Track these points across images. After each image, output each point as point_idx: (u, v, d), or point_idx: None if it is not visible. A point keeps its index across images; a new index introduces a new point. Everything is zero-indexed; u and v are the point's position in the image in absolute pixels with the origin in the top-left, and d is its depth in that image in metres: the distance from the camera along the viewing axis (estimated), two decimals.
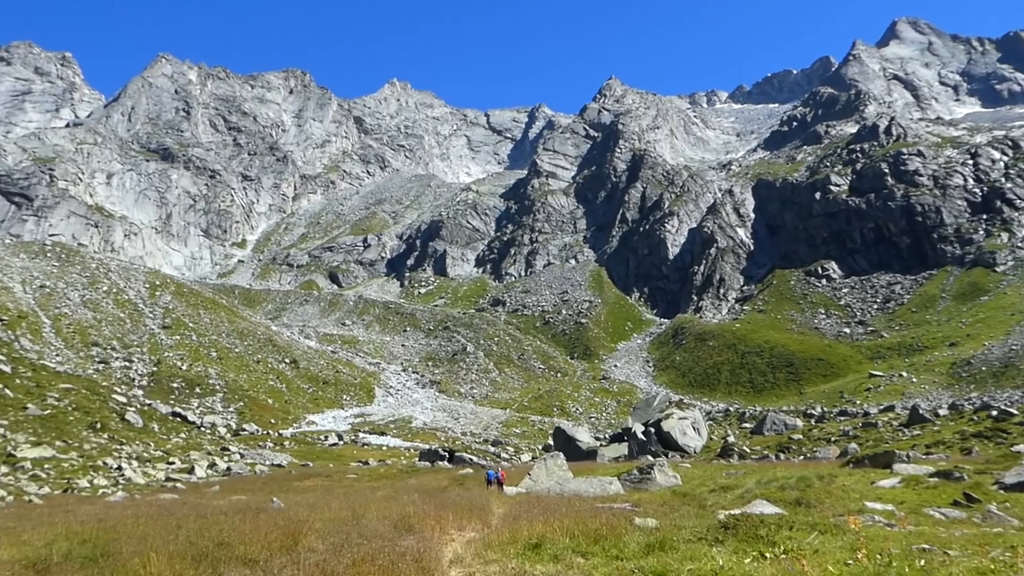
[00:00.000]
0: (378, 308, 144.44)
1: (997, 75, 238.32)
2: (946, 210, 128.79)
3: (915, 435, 54.98)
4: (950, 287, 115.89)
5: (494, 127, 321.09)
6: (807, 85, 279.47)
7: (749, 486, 26.42)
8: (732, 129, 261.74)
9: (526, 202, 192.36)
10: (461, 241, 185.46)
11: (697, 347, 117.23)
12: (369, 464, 55.14)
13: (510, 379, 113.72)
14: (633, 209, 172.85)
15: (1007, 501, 20.72)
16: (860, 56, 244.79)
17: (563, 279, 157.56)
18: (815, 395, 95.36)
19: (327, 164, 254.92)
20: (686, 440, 61.74)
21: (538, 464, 34.20)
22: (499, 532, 15.62)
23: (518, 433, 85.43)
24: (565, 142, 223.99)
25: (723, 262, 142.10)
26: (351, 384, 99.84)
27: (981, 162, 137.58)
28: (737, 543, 12.90)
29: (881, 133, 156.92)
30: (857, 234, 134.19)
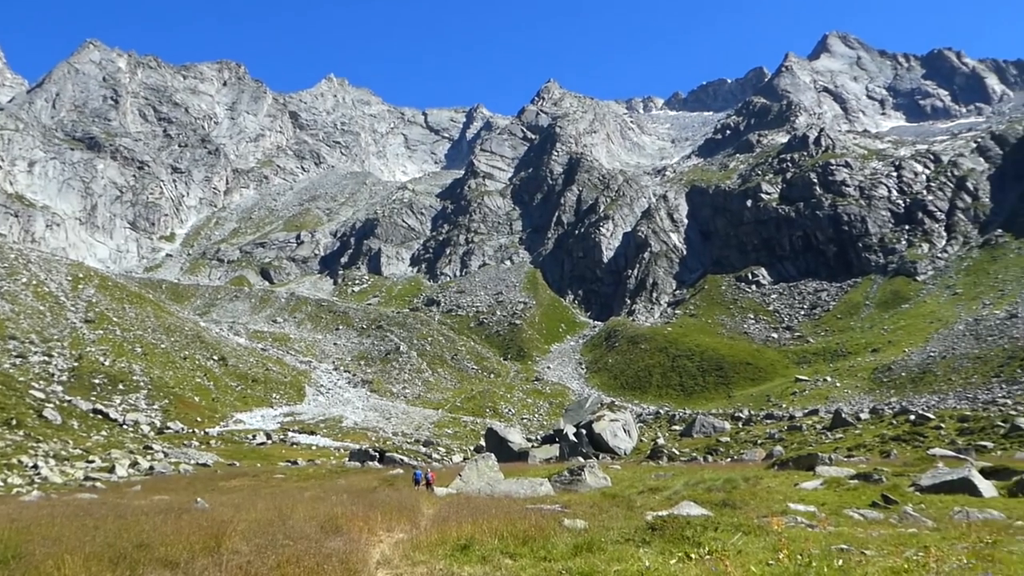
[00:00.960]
0: (310, 306, 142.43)
1: (921, 91, 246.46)
2: (871, 220, 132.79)
3: (838, 438, 56.38)
4: (873, 295, 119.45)
5: (432, 126, 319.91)
6: (741, 94, 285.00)
7: (677, 488, 26.70)
8: (667, 135, 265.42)
9: (462, 202, 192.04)
10: (396, 240, 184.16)
11: (629, 350, 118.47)
12: (298, 464, 54.27)
13: (443, 379, 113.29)
14: (569, 212, 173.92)
15: (922, 502, 21.31)
16: (792, 68, 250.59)
17: (498, 280, 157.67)
18: (743, 398, 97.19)
19: (261, 159, 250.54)
20: (617, 442, 62.22)
21: (469, 465, 34.04)
22: (428, 533, 15.44)
23: (450, 434, 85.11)
24: (502, 143, 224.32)
25: (656, 266, 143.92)
26: (281, 382, 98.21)
27: (905, 174, 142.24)
28: (664, 544, 12.98)
29: (811, 144, 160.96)
30: (786, 241, 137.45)
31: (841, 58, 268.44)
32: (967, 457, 34.74)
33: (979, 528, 14.85)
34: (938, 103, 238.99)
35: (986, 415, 56.88)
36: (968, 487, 23.03)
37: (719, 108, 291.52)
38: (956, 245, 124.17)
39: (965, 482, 23.33)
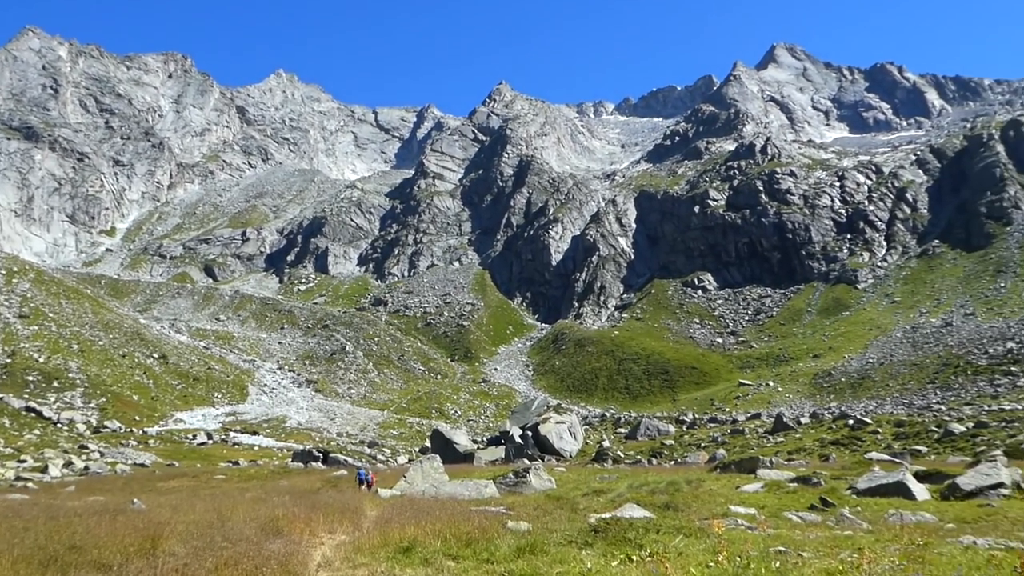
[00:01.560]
0: (255, 304, 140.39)
1: (864, 103, 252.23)
2: (814, 228, 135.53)
3: (779, 442, 57.33)
4: (815, 302, 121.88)
5: (382, 125, 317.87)
6: (690, 102, 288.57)
7: (621, 490, 26.87)
8: (617, 140, 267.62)
9: (412, 202, 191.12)
10: (344, 239, 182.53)
11: (576, 353, 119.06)
12: (239, 464, 53.41)
13: (389, 380, 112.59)
14: (518, 214, 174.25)
15: (859, 505, 21.77)
16: (740, 77, 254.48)
17: (446, 281, 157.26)
18: (688, 402, 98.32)
19: (206, 153, 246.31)
20: (562, 444, 62.45)
21: (414, 466, 33.85)
22: (370, 535, 15.30)
23: (395, 435, 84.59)
24: (453, 144, 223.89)
25: (604, 270, 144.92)
26: (223, 381, 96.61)
27: (847, 184, 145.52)
28: (606, 546, 13.06)
29: (757, 152, 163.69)
30: (732, 248, 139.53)
31: (788, 69, 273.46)
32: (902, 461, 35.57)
33: (911, 530, 15.20)
34: (880, 116, 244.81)
35: (921, 420, 58.36)
36: (902, 490, 23.57)
37: (669, 114, 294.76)
38: (895, 255, 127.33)
39: (900, 486, 23.87)
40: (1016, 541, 14.79)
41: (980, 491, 23.27)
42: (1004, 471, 24.68)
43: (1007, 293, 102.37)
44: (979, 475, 24.43)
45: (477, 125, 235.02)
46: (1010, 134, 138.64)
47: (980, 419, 54.26)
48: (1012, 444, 36.53)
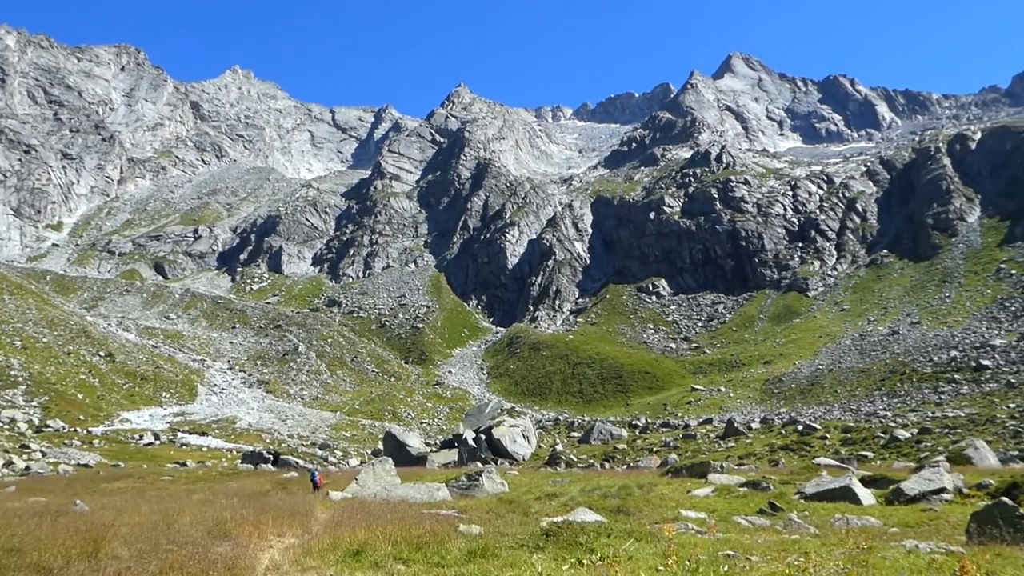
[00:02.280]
0: (206, 303, 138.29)
1: (817, 114, 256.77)
2: (767, 237, 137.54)
3: (730, 447, 57.99)
4: (767, 309, 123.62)
5: (339, 125, 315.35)
6: (647, 108, 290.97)
7: (573, 494, 26.94)
8: (575, 145, 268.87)
9: (368, 203, 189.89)
10: (298, 238, 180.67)
11: (531, 356, 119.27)
12: (187, 465, 52.53)
13: (342, 381, 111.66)
14: (475, 217, 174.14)
15: (807, 510, 22.10)
16: (697, 86, 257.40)
17: (402, 283, 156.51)
18: (640, 407, 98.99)
19: (159, 148, 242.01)
20: (516, 448, 62.47)
21: (366, 469, 33.58)
22: (320, 538, 15.11)
23: (347, 437, 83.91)
24: (411, 145, 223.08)
25: (560, 274, 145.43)
26: (172, 381, 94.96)
27: (800, 194, 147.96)
28: (557, 550, 13.07)
29: (713, 160, 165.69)
30: (687, 254, 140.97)
31: (744, 79, 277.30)
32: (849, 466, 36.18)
33: (856, 534, 15.46)
34: (832, 127, 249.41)
35: (868, 426, 59.47)
36: (849, 495, 23.97)
37: (626, 121, 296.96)
38: (845, 263, 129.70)
39: (846, 490, 24.27)
40: (957, 545, 15.12)
41: (923, 496, 23.75)
42: (946, 476, 25.23)
43: (952, 303, 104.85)
44: (922, 480, 24.94)
45: (435, 127, 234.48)
46: (956, 148, 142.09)
47: (924, 425, 55.47)
48: (954, 450, 37.34)
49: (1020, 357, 78.14)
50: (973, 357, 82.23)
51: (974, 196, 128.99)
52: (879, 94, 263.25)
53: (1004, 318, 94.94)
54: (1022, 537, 14.97)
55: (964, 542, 15.65)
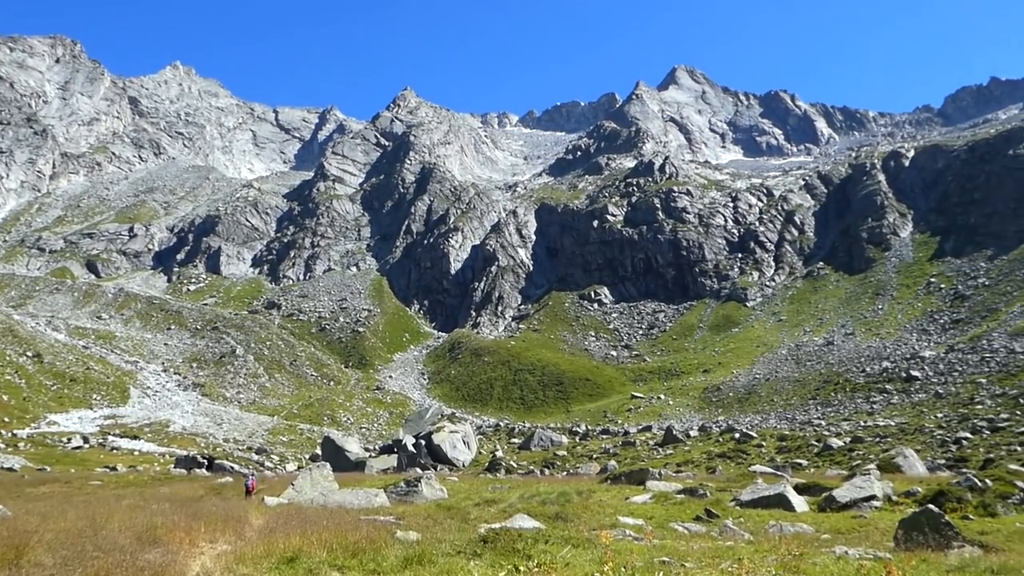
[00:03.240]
0: (140, 303, 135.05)
1: (758, 128, 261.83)
2: (708, 247, 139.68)
3: (668, 454, 58.62)
4: (707, 318, 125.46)
5: (282, 125, 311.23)
6: (593, 117, 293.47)
7: (512, 500, 26.91)
8: (520, 152, 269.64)
9: (310, 205, 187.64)
10: (238, 239, 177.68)
11: (472, 362, 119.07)
12: (117, 470, 51.19)
13: (280, 385, 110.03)
14: (419, 221, 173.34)
15: (742, 516, 22.39)
16: (642, 96, 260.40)
17: (343, 286, 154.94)
18: (581, 413, 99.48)
19: (94, 144, 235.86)
20: (456, 454, 62.32)
21: (303, 474, 33.15)
22: (254, 545, 14.82)
23: (285, 441, 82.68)
24: (355, 148, 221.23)
25: (503, 280, 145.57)
26: (103, 383, 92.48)
27: (740, 205, 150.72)
28: (495, 557, 13.02)
29: (656, 170, 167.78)
30: (629, 263, 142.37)
31: (688, 91, 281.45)
32: (784, 474, 36.83)
33: (789, 541, 15.71)
34: (773, 141, 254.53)
35: (802, 435, 60.66)
36: (783, 502, 24.38)
37: (571, 129, 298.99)
38: (783, 275, 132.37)
39: (781, 498, 24.68)
40: (885, 551, 15.46)
41: (854, 503, 24.28)
42: (877, 484, 25.83)
43: (884, 315, 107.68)
44: (854, 488, 25.50)
45: (380, 130, 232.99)
46: (891, 164, 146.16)
47: (856, 434, 56.79)
48: (885, 459, 38.28)
49: (948, 369, 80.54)
50: (904, 368, 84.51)
51: (907, 212, 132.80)
52: (818, 110, 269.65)
53: (933, 331, 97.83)
54: (947, 543, 15.39)
55: (892, 548, 16.03)
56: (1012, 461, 38.02)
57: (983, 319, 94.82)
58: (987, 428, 51.59)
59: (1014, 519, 20.71)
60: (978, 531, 18.24)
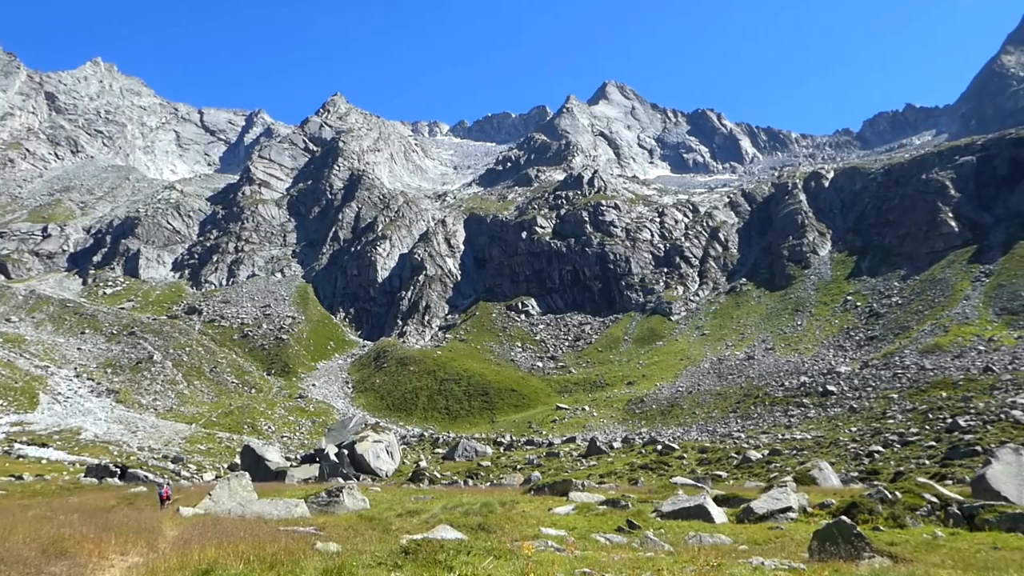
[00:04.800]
0: (53, 306, 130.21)
1: (685, 145, 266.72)
2: (634, 261, 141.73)
3: (592, 465, 59.04)
4: (632, 331, 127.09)
5: (207, 126, 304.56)
6: (523, 129, 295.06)
7: (435, 511, 26.75)
8: (450, 161, 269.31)
9: (235, 209, 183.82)
10: (159, 242, 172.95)
11: (398, 371, 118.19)
12: (24, 479, 49.16)
13: (199, 392, 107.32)
14: (346, 228, 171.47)
15: (663, 528, 22.65)
16: (573, 110, 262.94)
17: (267, 292, 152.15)
18: (506, 424, 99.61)
19: (7, 140, 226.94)
20: (379, 463, 61.75)
21: (220, 484, 32.36)
22: (167, 557, 14.36)
23: (203, 450, 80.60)
24: (283, 152, 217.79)
25: (430, 290, 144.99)
26: (10, 388, 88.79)
27: (666, 221, 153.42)
28: (416, 568, 12.88)
29: (585, 184, 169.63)
30: (556, 275, 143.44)
31: (618, 106, 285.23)
32: (704, 486, 37.44)
33: (708, 552, 15.94)
34: (699, 158, 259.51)
35: (723, 447, 61.81)
36: (703, 514, 24.76)
37: (502, 140, 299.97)
38: (707, 290, 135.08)
39: (700, 509, 25.06)
40: (799, 562, 15.80)
41: (771, 515, 24.79)
42: (793, 496, 26.45)
43: (803, 331, 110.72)
44: (771, 500, 26.05)
45: (309, 135, 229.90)
46: (811, 184, 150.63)
47: (775, 447, 58.13)
48: (801, 471, 39.24)
49: (862, 384, 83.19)
50: (820, 383, 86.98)
51: (826, 231, 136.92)
52: (743, 129, 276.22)
53: (849, 347, 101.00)
54: (858, 554, 15.81)
55: (806, 559, 16.39)
56: (921, 474, 39.38)
57: (896, 336, 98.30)
58: (898, 442, 53.36)
59: (922, 530, 21.40)
60: (888, 542, 18.78)
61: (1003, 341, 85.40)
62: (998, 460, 26.66)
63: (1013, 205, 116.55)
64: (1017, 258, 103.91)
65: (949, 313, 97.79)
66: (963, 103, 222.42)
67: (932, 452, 48.06)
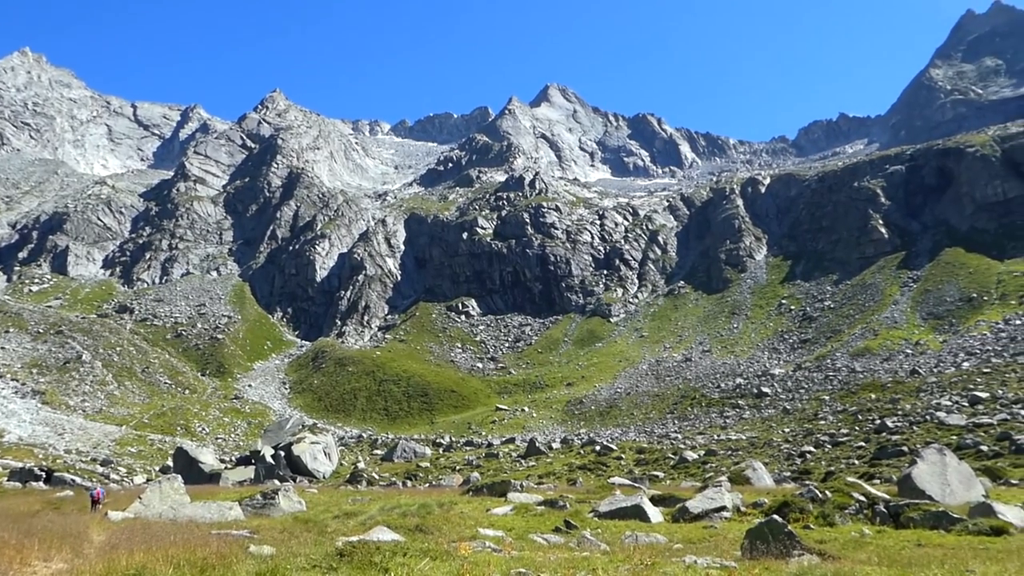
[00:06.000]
0: None
1: (626, 149, 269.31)
2: (575, 263, 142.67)
3: (531, 466, 59.25)
4: (572, 332, 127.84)
5: (141, 120, 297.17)
6: (465, 130, 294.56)
7: (372, 513, 26.54)
8: (391, 161, 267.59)
9: (169, 205, 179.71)
10: (88, 239, 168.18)
11: (336, 372, 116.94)
12: None
13: (130, 393, 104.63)
14: (284, 227, 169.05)
15: (600, 527, 22.81)
16: (515, 112, 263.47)
17: (202, 291, 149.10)
18: (445, 425, 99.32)
19: None
20: (316, 465, 61.05)
21: (151, 487, 31.63)
22: (92, 563, 13.92)
23: (134, 452, 78.62)
24: (219, 148, 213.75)
25: (370, 290, 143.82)
26: None
27: (607, 223, 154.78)
28: (351, 570, 12.74)
29: (526, 185, 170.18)
30: (497, 276, 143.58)
31: (559, 109, 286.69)
32: (641, 486, 37.82)
33: (643, 551, 16.08)
34: (639, 162, 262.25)
35: (660, 448, 62.58)
36: (640, 513, 24.99)
37: (444, 140, 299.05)
38: (645, 292, 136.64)
39: (637, 509, 25.30)
40: (731, 560, 16.04)
41: (706, 514, 25.15)
42: (727, 496, 26.88)
43: (739, 333, 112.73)
44: (706, 499, 26.44)
45: (246, 131, 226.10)
46: (748, 190, 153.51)
47: (711, 447, 59.04)
48: (735, 471, 39.90)
49: (795, 386, 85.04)
50: (755, 385, 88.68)
51: (762, 236, 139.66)
52: (683, 135, 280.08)
53: (783, 349, 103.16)
54: (788, 552, 16.12)
55: (739, 557, 16.65)
56: (850, 474, 40.38)
57: (828, 340, 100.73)
58: (829, 442, 54.67)
59: (850, 528, 21.93)
60: (817, 540, 19.19)
61: (929, 345, 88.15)
62: (923, 460, 27.46)
63: (939, 213, 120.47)
64: (943, 265, 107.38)
65: (879, 317, 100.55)
66: (894, 114, 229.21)
67: (861, 452, 49.34)
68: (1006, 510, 21.84)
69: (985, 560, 15.15)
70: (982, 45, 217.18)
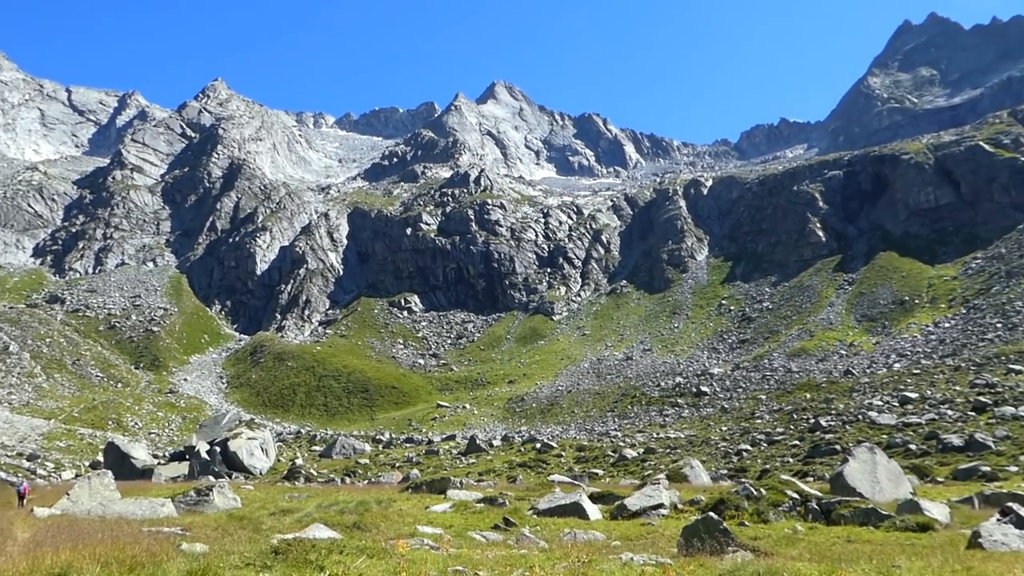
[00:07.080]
0: None
1: (571, 148, 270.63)
2: (519, 260, 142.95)
3: (471, 463, 59.19)
4: (514, 330, 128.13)
5: (76, 106, 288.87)
6: (411, 125, 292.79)
7: (309, 510, 26.27)
8: (335, 154, 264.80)
9: (104, 194, 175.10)
10: (18, 226, 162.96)
11: (275, 366, 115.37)
12: None
13: (60, 386, 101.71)
14: (224, 219, 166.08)
15: (539, 525, 22.87)
16: (461, 108, 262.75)
17: (137, 282, 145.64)
18: (385, 421, 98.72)
19: None
20: (253, 461, 60.17)
21: (80, 483, 30.80)
22: (15, 561, 13.45)
23: (62, 447, 76.43)
24: (158, 137, 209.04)
25: (311, 284, 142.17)
26: None
27: (551, 222, 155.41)
28: (286, 568, 12.56)
29: (471, 182, 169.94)
30: (440, 272, 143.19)
31: (506, 106, 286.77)
32: (580, 483, 38.05)
33: (581, 548, 16.16)
34: (584, 162, 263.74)
35: (600, 445, 63.06)
36: (579, 511, 25.12)
37: (389, 135, 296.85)
38: (588, 291, 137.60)
39: (576, 506, 25.43)
40: (668, 557, 16.21)
41: (644, 511, 25.39)
42: (665, 493, 27.16)
43: (679, 333, 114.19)
44: (644, 497, 26.68)
45: (187, 120, 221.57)
46: (691, 191, 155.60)
47: (650, 445, 59.68)
48: (674, 469, 40.34)
49: (733, 385, 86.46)
50: (695, 384, 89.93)
51: (704, 237, 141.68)
52: (627, 135, 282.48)
53: (722, 349, 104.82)
54: (723, 548, 16.36)
55: (675, 554, 16.83)
56: (785, 472, 41.16)
57: (766, 340, 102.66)
58: (765, 441, 55.69)
59: (783, 525, 22.35)
60: (751, 536, 19.51)
61: (863, 346, 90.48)
62: (855, 458, 28.11)
63: (875, 218, 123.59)
64: (877, 268, 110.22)
65: (815, 319, 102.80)
66: (833, 120, 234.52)
67: (796, 451, 50.37)
68: (932, 507, 22.47)
69: (911, 555, 15.55)
70: (918, 55, 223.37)
